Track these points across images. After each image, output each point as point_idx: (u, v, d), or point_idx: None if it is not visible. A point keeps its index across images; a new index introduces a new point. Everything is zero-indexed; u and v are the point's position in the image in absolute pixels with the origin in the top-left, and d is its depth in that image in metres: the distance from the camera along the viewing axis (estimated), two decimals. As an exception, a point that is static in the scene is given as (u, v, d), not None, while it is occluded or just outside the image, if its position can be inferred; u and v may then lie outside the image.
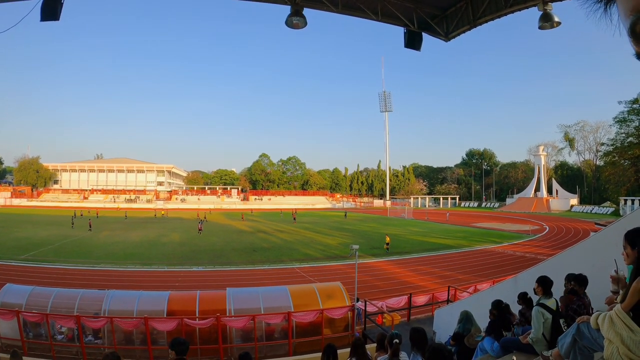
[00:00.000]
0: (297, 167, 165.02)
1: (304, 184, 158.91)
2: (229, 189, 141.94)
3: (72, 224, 58.12)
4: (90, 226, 54.51)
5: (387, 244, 38.19)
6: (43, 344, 14.69)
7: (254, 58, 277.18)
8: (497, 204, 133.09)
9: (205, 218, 71.41)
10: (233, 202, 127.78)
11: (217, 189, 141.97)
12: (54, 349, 14.34)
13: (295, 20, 11.26)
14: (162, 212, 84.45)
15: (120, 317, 14.14)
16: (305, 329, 15.17)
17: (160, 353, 14.12)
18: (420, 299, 19.38)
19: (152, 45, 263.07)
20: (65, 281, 24.85)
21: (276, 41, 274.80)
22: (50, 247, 38.28)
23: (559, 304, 6.12)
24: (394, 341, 5.83)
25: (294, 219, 69.50)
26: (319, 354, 10.06)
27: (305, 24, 11.45)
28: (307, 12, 11.44)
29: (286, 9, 11.38)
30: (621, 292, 3.20)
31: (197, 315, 14.61)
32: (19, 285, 18.07)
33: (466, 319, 8.44)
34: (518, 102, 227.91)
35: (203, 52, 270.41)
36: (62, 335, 15.16)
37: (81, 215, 65.29)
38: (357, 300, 16.98)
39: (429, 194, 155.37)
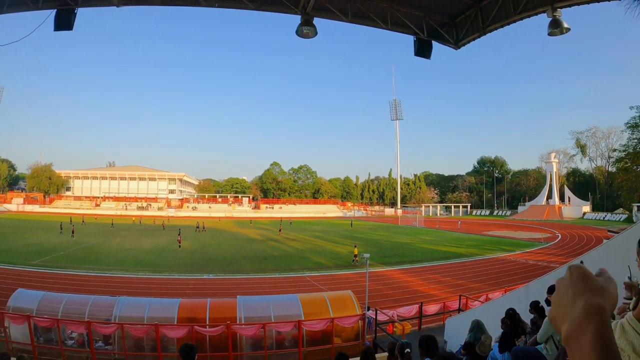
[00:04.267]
0: (309, 176, 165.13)
1: (315, 193, 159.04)
2: (240, 197, 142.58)
3: (61, 229, 58.17)
4: (73, 232, 54.32)
5: (355, 255, 35.81)
6: (53, 349, 14.77)
7: (265, 66, 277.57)
8: (509, 212, 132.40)
9: (203, 227, 70.63)
10: (244, 210, 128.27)
11: (229, 197, 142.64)
12: (64, 354, 14.43)
13: (306, 29, 11.31)
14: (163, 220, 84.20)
15: (130, 324, 14.21)
16: (315, 337, 15.14)
17: (170, 360, 14.17)
18: (432, 308, 19.29)
19: (164, 53, 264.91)
20: (76, 287, 24.97)
21: (288, 50, 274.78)
22: (62, 253, 38.55)
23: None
24: (405, 350, 5.80)
25: (280, 230, 66.97)
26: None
27: (316, 33, 11.50)
28: (317, 21, 11.51)
29: (297, 19, 11.45)
30: (634, 299, 3.17)
31: (207, 322, 14.62)
32: (30, 290, 18.23)
33: (477, 327, 8.37)
34: (529, 109, 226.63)
35: (215, 60, 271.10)
36: (73, 341, 15.27)
37: (70, 221, 65.52)
38: (368, 309, 16.85)
39: (440, 202, 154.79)
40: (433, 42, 12.86)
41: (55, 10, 11.26)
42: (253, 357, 13.37)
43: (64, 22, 11.17)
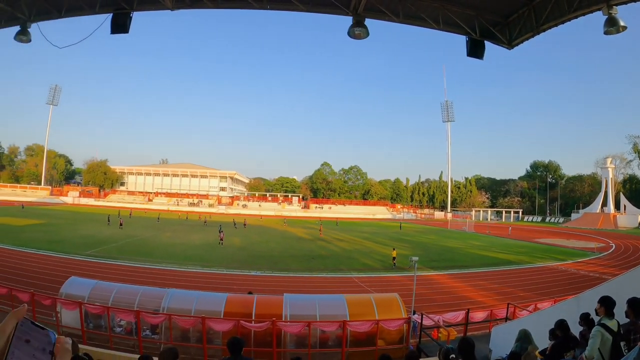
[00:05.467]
0: (359, 177, 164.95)
1: (365, 194, 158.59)
2: (289, 196, 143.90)
3: (109, 221, 61.34)
4: (120, 225, 57.26)
5: (394, 258, 35.64)
6: (102, 335, 15.42)
7: (317, 66, 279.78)
8: (561, 219, 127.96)
9: (244, 223, 72.65)
10: (294, 209, 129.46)
11: (278, 196, 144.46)
12: (112, 340, 14.98)
13: (357, 30, 11.33)
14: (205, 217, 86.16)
15: (178, 315, 14.58)
16: (359, 338, 15.09)
17: (214, 352, 14.49)
18: (478, 315, 18.88)
19: (215, 54, 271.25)
20: (127, 277, 25.88)
21: (339, 49, 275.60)
22: (114, 245, 40.01)
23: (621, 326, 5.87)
24: (450, 356, 5.73)
25: (320, 230, 65.38)
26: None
27: (367, 34, 11.49)
28: (368, 21, 11.50)
29: (348, 20, 11.48)
30: None
31: (253, 318, 14.80)
32: (83, 278, 19.04)
33: (524, 337, 8.18)
34: (585, 111, 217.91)
35: (267, 60, 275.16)
36: (121, 328, 15.92)
37: (119, 214, 68.26)
38: (414, 313, 16.68)
39: (491, 207, 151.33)
40: (486, 42, 12.63)
41: (112, 14, 11.70)
42: (296, 354, 13.44)
43: (120, 26, 11.62)
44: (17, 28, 12.71)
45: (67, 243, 39.27)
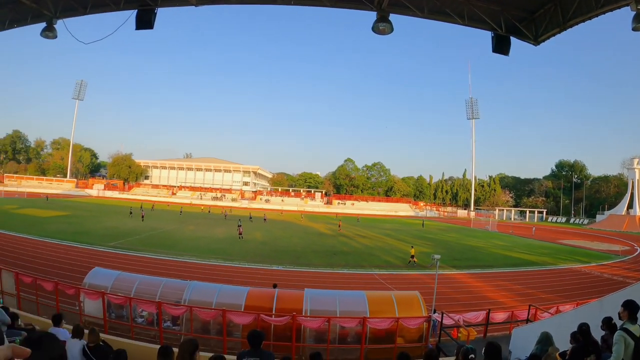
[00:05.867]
0: (382, 173, 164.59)
1: (388, 191, 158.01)
2: (312, 192, 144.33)
3: (131, 213, 63.59)
4: (142, 217, 58.93)
5: (412, 256, 35.33)
6: (124, 325, 15.70)
7: (340, 62, 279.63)
8: (586, 221, 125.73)
9: (264, 218, 74.38)
10: (316, 205, 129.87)
11: (301, 191, 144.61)
12: (134, 330, 15.24)
13: (382, 26, 11.28)
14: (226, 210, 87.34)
15: (199, 307, 14.74)
16: (379, 335, 15.04)
17: (234, 345, 14.59)
18: (499, 316, 18.68)
19: (240, 48, 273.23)
20: (149, 269, 26.37)
21: (362, 45, 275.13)
22: (138, 237, 40.64)
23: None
24: (470, 356, 5.71)
25: (339, 226, 65.90)
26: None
27: (392, 29, 11.45)
28: (392, 17, 11.44)
29: (373, 15, 11.43)
30: None
31: (273, 312, 14.91)
32: (106, 269, 19.42)
33: (545, 340, 8.08)
34: (612, 110, 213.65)
35: (292, 55, 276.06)
36: (143, 319, 16.20)
37: (141, 207, 69.47)
38: (434, 312, 16.57)
39: (514, 206, 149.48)
40: (511, 37, 12.44)
41: (136, 10, 11.83)
42: (315, 349, 13.46)
43: (144, 22, 11.78)
44: (43, 25, 12.99)
45: (91, 234, 40.03)
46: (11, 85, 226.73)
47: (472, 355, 5.69)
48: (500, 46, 12.38)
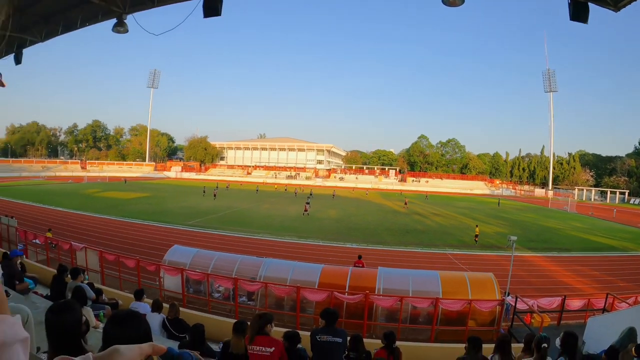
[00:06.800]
0: (456, 150, 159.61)
1: (463, 168, 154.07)
2: (386, 169, 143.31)
3: (204, 192, 66.64)
4: (215, 196, 61.63)
5: (477, 235, 34.63)
6: (201, 299, 16.67)
7: (413, 37, 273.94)
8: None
9: (334, 194, 76.02)
10: (390, 182, 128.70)
11: (375, 169, 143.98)
12: (210, 304, 16.12)
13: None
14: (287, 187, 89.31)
15: (274, 284, 15.29)
16: (450, 317, 15.03)
17: (306, 321, 15.12)
18: (575, 303, 18.04)
19: (311, 27, 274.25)
20: (226, 246, 27.43)
21: (434, 19, 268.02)
22: (214, 216, 42.34)
23: None
24: (542, 345, 5.69)
25: (405, 203, 65.39)
26: (461, 345, 10.05)
27: (462, 1, 11.23)
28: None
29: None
30: None
31: (347, 290, 15.21)
32: (185, 247, 20.59)
33: (629, 334, 7.81)
34: None
35: (361, 31, 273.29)
36: (219, 294, 17.08)
37: (216, 187, 72.91)
38: (508, 295, 16.16)
39: (595, 186, 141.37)
40: (590, 4, 11.79)
41: (203, -1, 12.22)
42: (386, 328, 13.64)
43: (212, 9, 12.05)
44: (114, 21, 13.77)
45: (170, 214, 42.24)
46: (91, 83, 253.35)
47: (545, 345, 5.70)
48: (578, 13, 11.61)
